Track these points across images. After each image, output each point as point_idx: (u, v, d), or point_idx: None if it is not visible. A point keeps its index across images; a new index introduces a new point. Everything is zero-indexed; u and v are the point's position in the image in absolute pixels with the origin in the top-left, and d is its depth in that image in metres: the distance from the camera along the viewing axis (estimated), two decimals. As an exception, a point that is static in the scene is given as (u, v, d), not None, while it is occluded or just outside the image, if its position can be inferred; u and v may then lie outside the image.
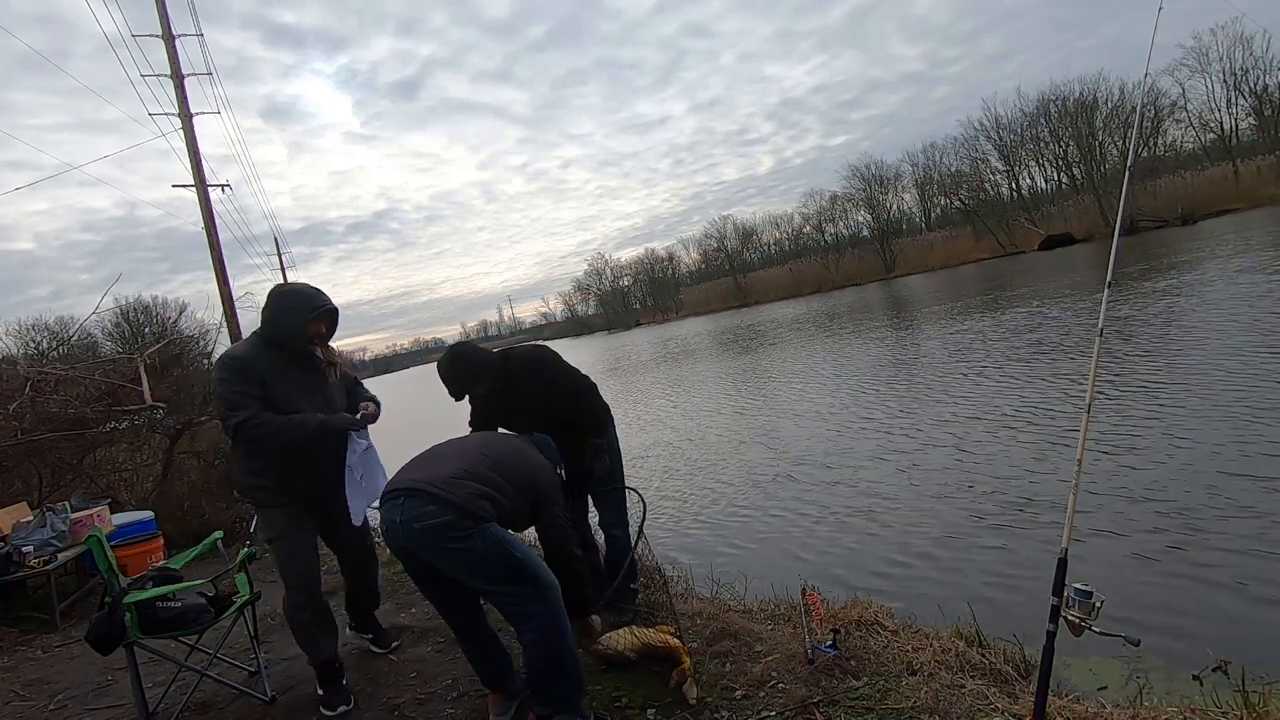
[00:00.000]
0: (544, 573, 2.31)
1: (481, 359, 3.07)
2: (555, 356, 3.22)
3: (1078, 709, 2.20)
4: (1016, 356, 10.66)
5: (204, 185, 11.46)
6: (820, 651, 2.61)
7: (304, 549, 2.87)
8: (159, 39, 11.10)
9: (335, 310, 2.92)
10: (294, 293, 2.87)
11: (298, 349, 2.81)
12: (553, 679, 2.24)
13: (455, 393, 3.05)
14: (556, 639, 2.23)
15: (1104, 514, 4.66)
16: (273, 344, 2.79)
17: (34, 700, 3.48)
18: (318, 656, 2.87)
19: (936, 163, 56.07)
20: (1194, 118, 43.75)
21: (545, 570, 2.34)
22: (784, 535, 5.71)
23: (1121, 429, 6.22)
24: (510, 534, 2.32)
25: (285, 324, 2.78)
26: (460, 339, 18.72)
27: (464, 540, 2.19)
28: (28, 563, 4.60)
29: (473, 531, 2.20)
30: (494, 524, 2.26)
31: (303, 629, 2.86)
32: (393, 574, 4.81)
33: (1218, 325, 9.53)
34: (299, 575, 2.85)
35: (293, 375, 2.80)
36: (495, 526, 2.26)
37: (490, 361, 3.08)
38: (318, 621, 2.89)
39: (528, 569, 2.26)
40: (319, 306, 2.84)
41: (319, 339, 2.88)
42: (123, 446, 7.54)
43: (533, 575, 2.25)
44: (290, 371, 2.79)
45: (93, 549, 2.73)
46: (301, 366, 2.84)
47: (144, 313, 30.41)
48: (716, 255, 75.54)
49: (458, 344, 3.16)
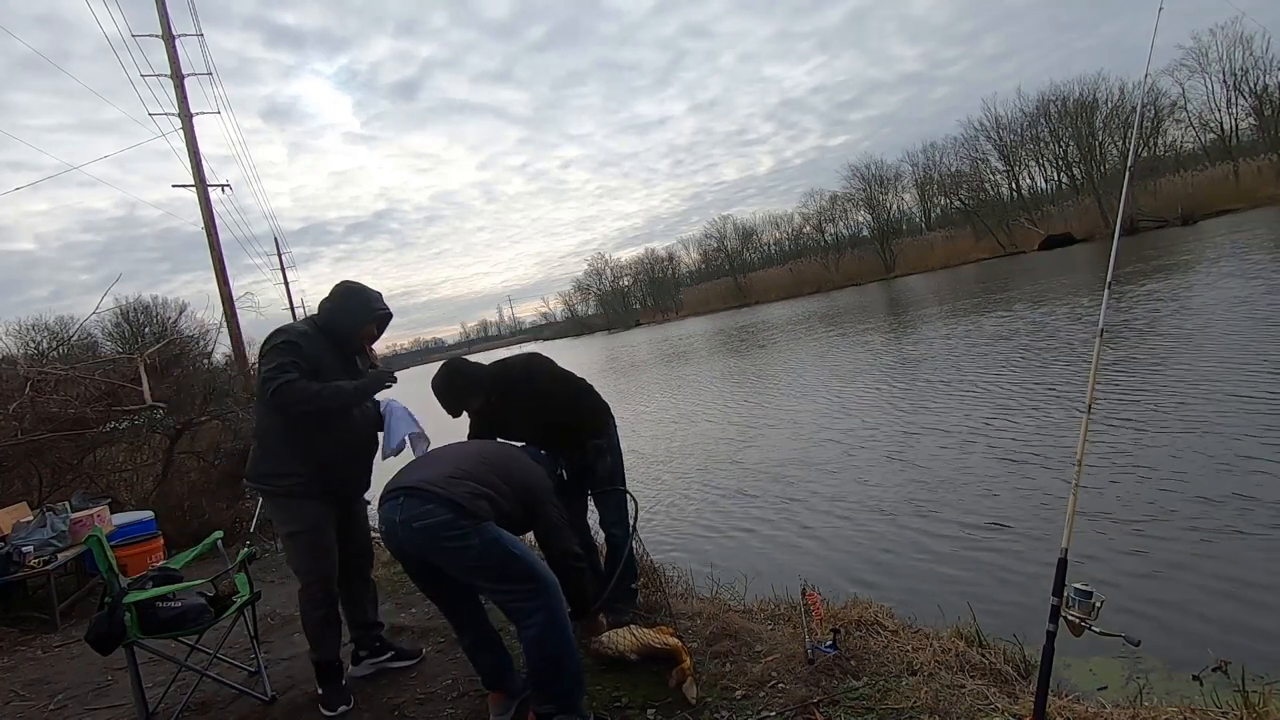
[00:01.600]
0: (543, 570, 2.31)
1: (474, 373, 3.08)
2: (549, 364, 3.21)
3: (1078, 709, 2.20)
4: (1016, 356, 10.66)
5: (204, 185, 11.47)
6: (820, 651, 2.61)
7: (330, 543, 2.87)
8: (159, 39, 11.10)
9: (391, 316, 3.04)
10: (359, 293, 2.95)
11: (350, 346, 2.93)
12: (553, 677, 2.24)
13: (451, 409, 3.05)
14: (557, 636, 2.23)
15: (1104, 514, 4.66)
16: (326, 334, 2.87)
17: (34, 700, 3.48)
18: (324, 655, 2.85)
19: (936, 163, 56.13)
20: (1194, 118, 43.80)
21: (544, 568, 2.34)
22: (784, 535, 5.71)
23: (1122, 429, 6.22)
24: (507, 533, 2.32)
25: (344, 321, 2.88)
26: (460, 339, 18.66)
27: (462, 539, 2.19)
28: (28, 563, 4.60)
29: (469, 530, 2.20)
30: (491, 523, 2.27)
31: (316, 625, 2.84)
32: (392, 574, 4.82)
33: (1218, 325, 9.54)
34: (324, 570, 2.83)
35: (337, 366, 2.86)
36: (492, 525, 2.26)
37: (483, 375, 3.09)
38: (330, 619, 2.88)
39: (526, 566, 2.26)
40: (379, 311, 2.97)
41: (369, 340, 3.00)
42: (123, 446, 7.54)
43: (531, 572, 2.26)
44: (335, 363, 2.86)
45: (93, 549, 2.73)
46: (345, 361, 2.92)
47: (144, 313, 30.47)
48: (716, 255, 75.56)
49: (450, 360, 3.16)
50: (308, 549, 2.81)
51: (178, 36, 11.20)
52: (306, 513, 2.79)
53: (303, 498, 2.79)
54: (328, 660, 2.87)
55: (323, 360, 2.79)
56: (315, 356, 2.76)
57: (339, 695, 2.82)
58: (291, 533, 2.82)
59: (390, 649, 3.20)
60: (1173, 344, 9.11)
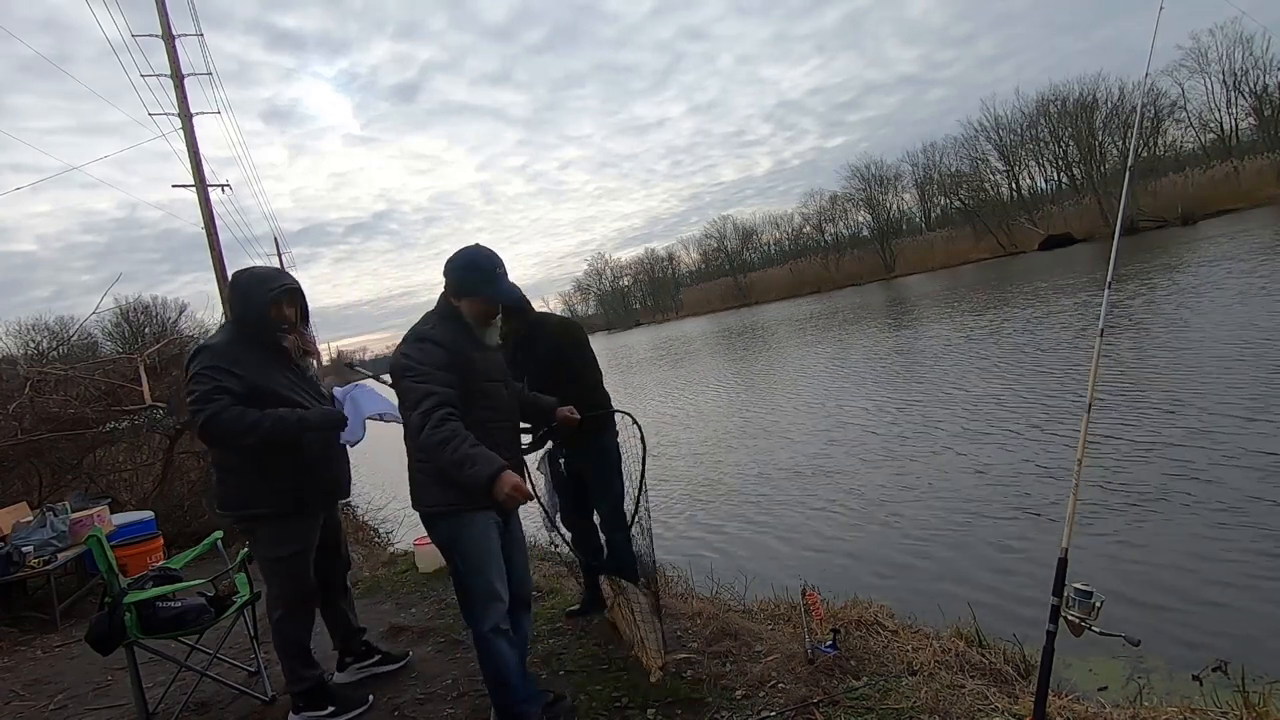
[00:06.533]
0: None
1: (524, 300, 3.01)
2: (586, 338, 3.22)
3: (1078, 709, 2.20)
4: (1016, 356, 10.66)
5: (204, 185, 11.46)
6: (820, 651, 2.61)
7: (312, 558, 2.71)
8: (159, 40, 11.09)
9: (297, 288, 2.69)
10: (253, 275, 2.66)
11: (267, 336, 2.60)
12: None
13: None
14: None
15: (1104, 514, 4.66)
16: (246, 331, 2.59)
17: (34, 700, 3.48)
18: (316, 671, 2.73)
19: (936, 163, 56.09)
20: (1194, 118, 43.80)
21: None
22: (784, 535, 5.71)
23: (1122, 429, 6.22)
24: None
25: (249, 311, 2.58)
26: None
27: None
28: (28, 563, 4.59)
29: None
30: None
31: (302, 647, 2.68)
32: (392, 574, 4.82)
33: (1218, 325, 9.53)
34: (312, 590, 2.69)
35: (275, 366, 2.58)
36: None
37: (527, 306, 3.06)
38: (309, 635, 2.73)
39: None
40: (278, 285, 2.61)
41: (287, 324, 2.66)
42: (123, 446, 7.53)
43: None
44: (272, 363, 2.58)
45: (93, 549, 2.72)
46: (279, 357, 2.63)
47: (144, 313, 30.50)
48: (716, 255, 75.56)
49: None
50: (299, 570, 2.63)
51: (178, 36, 11.19)
52: (299, 532, 2.61)
53: (289, 515, 2.57)
54: (319, 675, 2.75)
55: (253, 365, 2.50)
56: (241, 361, 2.48)
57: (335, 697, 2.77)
58: (280, 557, 2.59)
59: (376, 653, 3.11)
60: (1173, 344, 9.10)
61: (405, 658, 3.17)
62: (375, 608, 4.11)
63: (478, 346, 2.31)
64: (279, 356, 2.64)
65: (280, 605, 2.64)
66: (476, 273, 2.29)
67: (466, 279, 2.29)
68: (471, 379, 2.24)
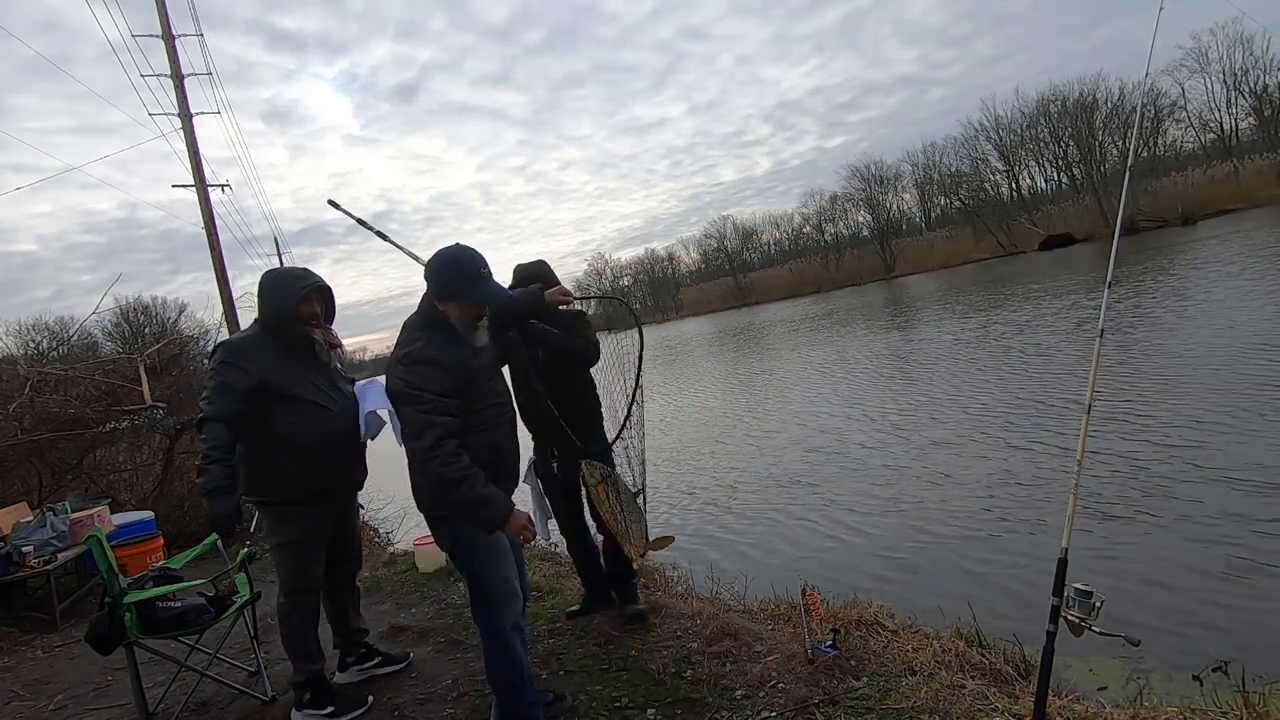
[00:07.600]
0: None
1: (549, 276, 3.05)
2: (594, 335, 3.21)
3: (1078, 709, 2.19)
4: (1016, 356, 10.66)
5: (204, 185, 11.46)
6: (820, 651, 2.61)
7: (322, 551, 2.76)
8: (159, 40, 11.09)
9: (325, 286, 2.77)
10: (280, 274, 2.76)
11: (294, 333, 2.68)
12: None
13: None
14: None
15: (1104, 514, 4.66)
16: (270, 331, 2.68)
17: (34, 700, 3.48)
18: (317, 664, 2.76)
19: (936, 163, 56.04)
20: (1194, 118, 43.77)
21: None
22: (784, 535, 5.71)
23: (1122, 429, 6.22)
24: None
25: (277, 309, 2.67)
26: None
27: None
28: (28, 563, 4.60)
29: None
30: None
31: (305, 638, 2.73)
32: (392, 574, 4.82)
33: (1218, 325, 9.53)
34: (315, 583, 2.74)
35: (293, 364, 2.67)
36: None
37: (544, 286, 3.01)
38: (314, 627, 2.78)
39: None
40: (307, 284, 2.70)
41: (315, 320, 2.74)
42: (123, 446, 7.53)
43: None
44: (290, 360, 2.66)
45: (93, 549, 2.72)
46: (302, 353, 2.71)
47: (144, 313, 30.38)
48: (716, 255, 75.47)
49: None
50: (301, 560, 2.69)
51: (178, 37, 11.19)
52: (298, 520, 2.66)
53: (295, 504, 2.64)
54: (320, 670, 2.77)
55: (270, 364, 2.59)
56: (263, 360, 2.58)
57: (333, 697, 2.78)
58: (282, 543, 2.68)
59: (376, 654, 3.12)
60: (1173, 344, 9.10)
61: (406, 659, 3.18)
62: (375, 608, 4.11)
63: (472, 353, 2.26)
64: (301, 354, 2.72)
65: (281, 593, 2.74)
66: (461, 276, 2.22)
67: (452, 282, 2.23)
68: (473, 387, 2.23)
